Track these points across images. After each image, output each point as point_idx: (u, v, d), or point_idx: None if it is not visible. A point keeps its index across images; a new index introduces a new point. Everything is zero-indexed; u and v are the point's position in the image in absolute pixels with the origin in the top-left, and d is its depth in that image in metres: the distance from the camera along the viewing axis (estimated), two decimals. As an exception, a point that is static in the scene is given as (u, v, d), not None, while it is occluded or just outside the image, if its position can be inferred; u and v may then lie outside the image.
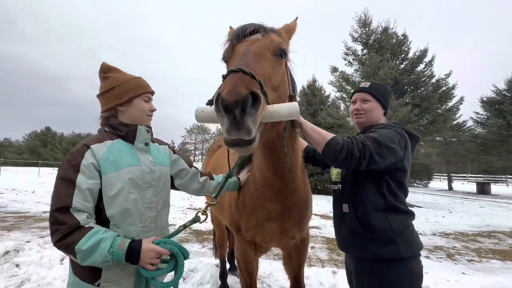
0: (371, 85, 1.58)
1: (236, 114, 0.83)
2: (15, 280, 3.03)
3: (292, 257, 2.02)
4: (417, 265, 1.36)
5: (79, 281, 1.18)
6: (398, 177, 1.39)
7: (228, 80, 0.91)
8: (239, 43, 1.19)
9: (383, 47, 12.42)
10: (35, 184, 15.14)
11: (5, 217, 6.63)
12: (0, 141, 77.77)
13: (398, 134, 1.35)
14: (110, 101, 1.34)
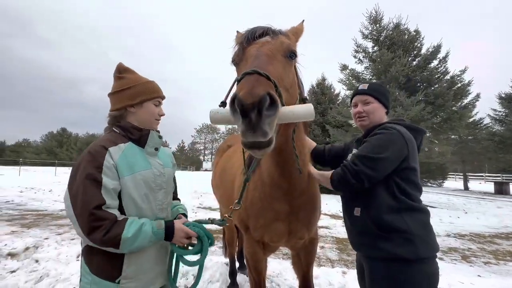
0: (370, 86, 1.58)
1: (252, 117, 0.83)
2: (35, 275, 3.16)
3: (300, 256, 2.02)
4: (434, 266, 1.34)
5: (98, 279, 1.20)
6: (408, 176, 1.38)
7: (244, 82, 0.92)
8: (249, 46, 1.20)
9: (395, 43, 12.13)
10: (52, 183, 15.72)
11: (25, 214, 6.92)
12: (19, 142, 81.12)
13: (393, 137, 1.35)
14: (122, 101, 1.37)
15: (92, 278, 1.21)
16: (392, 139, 1.33)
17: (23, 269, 3.35)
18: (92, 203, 1.14)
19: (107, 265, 1.21)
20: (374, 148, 1.30)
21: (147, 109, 1.40)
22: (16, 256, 3.66)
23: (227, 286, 3.02)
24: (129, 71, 1.46)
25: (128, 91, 1.37)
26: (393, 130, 1.37)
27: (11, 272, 3.26)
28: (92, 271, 1.22)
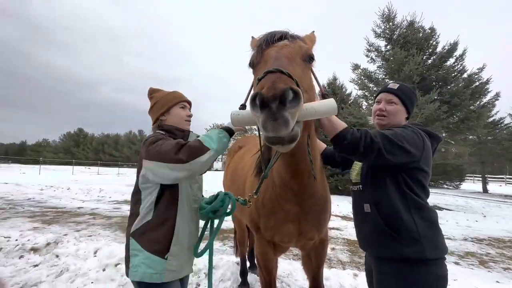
0: (400, 87, 1.53)
1: (272, 106, 0.81)
2: (56, 270, 3.32)
3: (311, 257, 2.03)
4: (443, 268, 1.32)
5: (150, 255, 1.36)
6: (417, 177, 1.37)
7: (266, 79, 0.92)
8: (268, 48, 1.22)
9: (409, 42, 11.83)
10: (70, 181, 16.35)
11: (46, 211, 7.25)
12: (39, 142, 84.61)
13: (415, 134, 1.34)
14: (155, 114, 1.64)
15: (144, 254, 1.36)
16: (413, 136, 1.32)
17: (45, 263, 3.53)
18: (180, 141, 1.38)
19: (160, 243, 1.38)
20: (398, 136, 1.27)
21: (174, 113, 1.63)
22: (39, 251, 3.85)
23: (238, 285, 3.07)
24: (156, 91, 1.73)
25: (157, 105, 1.64)
26: (412, 128, 1.37)
27: (34, 266, 3.44)
28: (144, 248, 1.37)
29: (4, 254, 3.73)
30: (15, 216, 6.49)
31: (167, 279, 1.38)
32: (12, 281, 3.02)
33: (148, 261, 1.35)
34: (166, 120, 1.63)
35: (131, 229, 1.44)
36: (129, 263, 1.40)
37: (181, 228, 1.46)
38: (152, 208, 1.42)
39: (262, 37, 1.31)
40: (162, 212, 1.43)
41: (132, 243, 1.41)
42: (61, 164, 45.26)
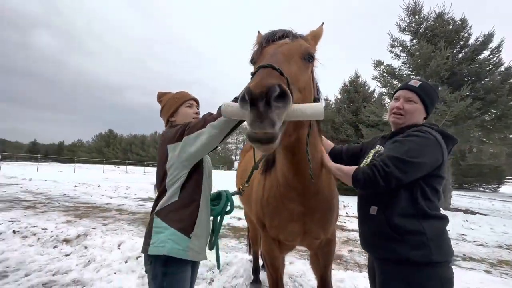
0: (422, 85, 1.46)
1: (260, 106, 0.82)
2: (84, 260, 3.61)
3: (318, 257, 2.02)
4: (448, 271, 1.29)
5: (176, 232, 1.44)
6: (434, 184, 1.33)
7: (257, 74, 0.94)
8: (268, 46, 1.23)
9: (437, 35, 11.13)
10: (100, 179, 17.47)
11: (78, 206, 7.84)
12: (75, 142, 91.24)
13: (430, 143, 1.27)
14: (165, 115, 1.75)
15: (170, 231, 1.44)
16: (429, 144, 1.27)
17: (75, 253, 3.84)
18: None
19: (185, 221, 1.48)
20: (409, 151, 1.22)
21: (182, 112, 1.72)
22: (70, 242, 4.20)
23: (250, 282, 3.12)
24: (163, 94, 1.83)
25: (166, 107, 1.75)
26: (430, 135, 1.30)
27: (66, 256, 3.76)
28: (171, 225, 1.45)
29: (41, 244, 4.13)
30: (52, 210, 7.10)
31: (189, 257, 1.46)
32: (47, 268, 3.33)
33: (175, 237, 1.42)
34: (176, 120, 1.72)
35: (155, 209, 1.52)
36: (150, 240, 1.45)
37: (203, 212, 1.57)
38: (178, 191, 1.51)
39: (264, 34, 1.32)
40: (188, 194, 1.52)
41: (156, 221, 1.47)
42: (94, 163, 48.52)
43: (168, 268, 1.41)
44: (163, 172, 1.56)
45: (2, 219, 5.40)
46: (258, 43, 1.31)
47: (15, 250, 3.83)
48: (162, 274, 1.41)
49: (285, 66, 1.05)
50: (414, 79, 1.52)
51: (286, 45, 1.21)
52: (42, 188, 11.66)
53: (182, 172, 1.52)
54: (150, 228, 1.49)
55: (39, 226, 4.80)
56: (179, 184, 1.52)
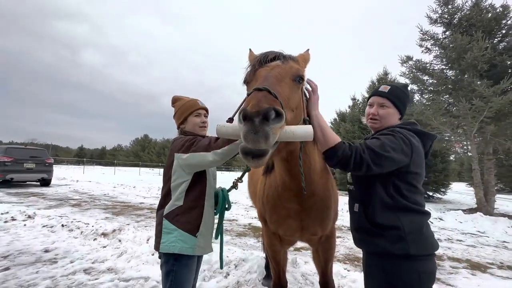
0: (391, 90, 1.55)
1: (256, 121, 0.89)
2: (118, 251, 4.07)
3: (319, 253, 2.12)
4: (428, 265, 1.34)
5: (183, 233, 1.62)
6: (408, 179, 1.39)
7: (253, 96, 1.00)
8: (261, 68, 1.30)
9: (473, 25, 10.26)
10: (136, 181, 18.88)
11: (115, 205, 8.66)
12: (115, 147, 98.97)
13: (403, 141, 1.35)
14: (176, 122, 1.93)
15: (178, 232, 1.62)
16: (399, 143, 1.34)
17: (111, 246, 4.34)
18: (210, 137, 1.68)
19: (191, 223, 1.65)
20: (383, 146, 1.31)
21: (190, 122, 1.89)
22: (107, 235, 4.73)
23: (263, 277, 3.28)
24: (178, 100, 1.97)
25: (177, 115, 1.92)
26: (401, 135, 1.38)
27: (103, 247, 4.26)
28: (179, 226, 1.62)
29: (84, 236, 4.72)
30: (94, 208, 7.96)
31: (196, 253, 1.69)
32: (87, 257, 3.83)
33: (183, 238, 1.62)
34: (185, 127, 1.90)
35: (163, 212, 1.69)
36: (161, 239, 1.64)
37: (207, 214, 1.74)
38: (183, 196, 1.68)
39: (256, 57, 1.39)
40: (193, 198, 1.69)
41: (165, 223, 1.66)
42: (131, 166, 52.37)
43: (177, 261, 1.65)
44: (168, 176, 1.73)
45: (54, 214, 6.22)
46: (251, 64, 1.38)
47: (63, 241, 4.45)
48: (172, 265, 1.64)
49: (278, 88, 1.13)
50: (384, 85, 1.61)
51: (278, 67, 1.28)
52: (86, 188, 13.01)
53: (185, 178, 1.68)
54: (160, 229, 1.67)
55: (83, 221, 5.47)
56: (183, 188, 1.68)
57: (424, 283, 1.31)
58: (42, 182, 13.02)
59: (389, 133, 1.41)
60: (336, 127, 21.63)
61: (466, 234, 6.94)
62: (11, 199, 8.78)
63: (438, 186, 14.75)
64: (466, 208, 11.33)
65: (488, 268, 4.41)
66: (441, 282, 3.69)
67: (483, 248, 5.67)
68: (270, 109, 0.91)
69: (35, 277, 3.13)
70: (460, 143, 12.33)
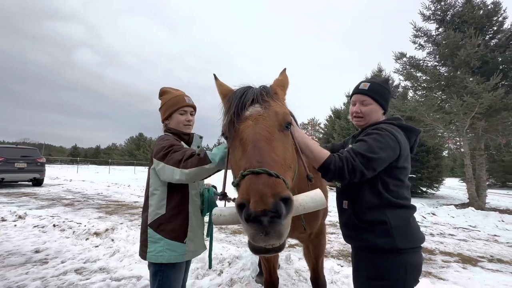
0: (371, 87, 1.56)
1: (264, 221, 0.75)
2: (110, 250, 4.02)
3: (310, 249, 2.12)
4: (414, 257, 1.37)
5: (170, 241, 1.56)
6: (396, 175, 1.41)
7: (251, 184, 0.84)
8: (240, 123, 1.11)
9: (466, 21, 10.36)
10: (131, 180, 18.73)
11: (109, 204, 8.58)
12: (110, 146, 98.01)
13: (389, 138, 1.36)
14: (162, 116, 1.86)
15: (166, 241, 1.57)
16: (386, 140, 1.35)
17: (103, 245, 4.29)
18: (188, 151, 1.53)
19: (177, 231, 1.59)
20: (370, 148, 1.31)
21: (175, 119, 1.81)
22: (99, 235, 4.68)
23: (256, 274, 3.28)
24: (165, 93, 1.89)
25: (162, 109, 1.85)
26: (387, 132, 1.38)
27: (95, 247, 4.21)
28: (165, 236, 1.56)
29: (76, 236, 4.66)
30: (87, 207, 7.86)
31: (186, 259, 1.65)
32: (79, 257, 3.78)
33: (171, 246, 1.57)
34: (169, 123, 1.83)
35: (147, 219, 1.63)
36: (147, 248, 1.59)
37: (193, 218, 1.68)
38: (164, 204, 1.61)
39: (230, 100, 1.20)
40: (175, 205, 1.62)
41: (151, 232, 1.60)
42: (126, 164, 51.90)
43: (166, 268, 1.59)
44: (149, 177, 1.70)
45: (45, 214, 6.13)
46: (227, 120, 1.17)
47: (54, 241, 4.38)
48: (161, 272, 1.59)
49: (274, 157, 0.98)
50: (363, 82, 1.60)
51: (261, 120, 1.10)
52: (80, 188, 12.85)
53: (160, 185, 1.62)
54: (146, 238, 1.60)
55: (75, 221, 5.39)
56: (162, 196, 1.62)
57: (411, 274, 1.34)
58: (34, 182, 12.83)
59: (375, 131, 1.40)
60: (331, 124, 21.73)
61: (458, 229, 7.06)
62: (2, 200, 8.62)
63: (431, 182, 14.95)
64: (458, 203, 11.52)
65: (479, 262, 4.49)
66: (432, 276, 3.75)
67: (474, 242, 5.77)
68: (279, 204, 0.77)
69: (24, 278, 3.07)
70: (452, 139, 12.50)
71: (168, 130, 1.82)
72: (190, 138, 1.85)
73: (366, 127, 1.55)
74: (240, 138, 1.09)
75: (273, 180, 0.85)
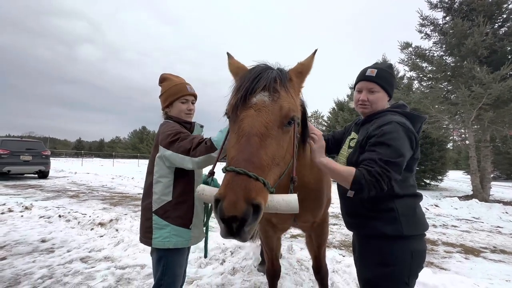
0: (378, 73, 1.49)
1: (233, 226, 0.85)
2: (115, 240, 4.09)
3: (312, 238, 2.13)
4: (419, 243, 1.37)
5: (176, 227, 1.59)
6: (410, 166, 1.38)
7: (231, 184, 0.89)
8: (243, 110, 1.10)
9: (474, 9, 10.05)
10: (135, 172, 18.90)
11: (113, 196, 8.68)
12: (113, 139, 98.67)
13: (407, 136, 1.31)
14: (162, 104, 1.84)
15: (172, 227, 1.60)
16: (402, 136, 1.30)
17: (108, 235, 4.36)
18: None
19: (183, 218, 1.63)
20: (394, 152, 1.25)
21: (176, 107, 1.80)
22: (104, 225, 4.75)
23: (258, 263, 3.31)
24: (166, 79, 1.86)
25: (163, 96, 1.82)
26: (399, 125, 1.32)
27: (100, 237, 4.28)
28: (171, 222, 1.59)
29: (81, 227, 4.73)
30: (92, 199, 7.97)
31: (191, 244, 1.69)
32: (84, 246, 3.85)
33: (177, 232, 1.60)
34: (170, 111, 1.82)
35: (151, 207, 1.63)
36: (152, 234, 1.60)
37: (198, 205, 1.72)
38: (170, 191, 1.63)
39: (241, 86, 1.15)
40: (181, 193, 1.64)
41: (156, 218, 1.61)
42: (130, 157, 52.34)
43: (171, 253, 1.62)
44: (152, 166, 1.68)
45: (51, 205, 6.23)
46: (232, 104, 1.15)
47: (60, 231, 4.46)
48: (165, 257, 1.61)
49: (262, 155, 0.99)
50: (370, 68, 1.53)
51: (264, 112, 1.08)
52: (84, 180, 13.01)
53: (165, 171, 1.63)
54: (150, 224, 1.61)
55: (80, 212, 5.48)
56: (169, 183, 1.63)
57: (416, 260, 1.34)
58: (39, 174, 13.01)
59: (389, 129, 1.31)
60: (334, 116, 21.54)
61: (461, 220, 7.04)
62: (9, 191, 8.77)
63: (434, 174, 14.86)
64: (462, 195, 11.46)
65: (482, 252, 4.48)
66: (434, 266, 3.75)
67: (477, 233, 5.76)
68: (248, 211, 0.84)
69: (31, 266, 3.14)
70: (457, 131, 12.33)
71: (170, 118, 1.81)
72: (192, 127, 1.85)
73: (369, 116, 1.52)
74: (238, 126, 1.08)
75: (250, 183, 0.90)
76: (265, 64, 1.27)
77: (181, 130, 1.63)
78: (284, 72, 1.23)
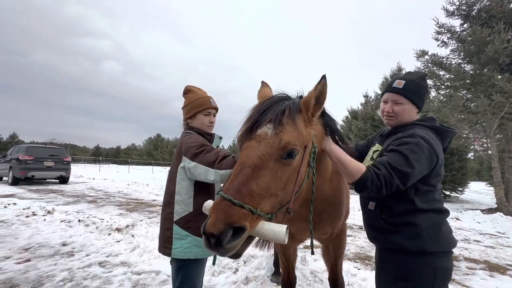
0: (406, 85, 1.43)
1: (211, 241, 0.93)
2: (131, 246, 4.19)
3: (329, 249, 2.10)
4: (445, 261, 1.31)
5: (197, 238, 1.61)
6: (430, 181, 1.35)
7: (216, 207, 0.99)
8: (246, 141, 1.19)
9: (494, 16, 9.80)
10: (149, 179, 19.33)
11: (129, 202, 8.91)
12: (129, 146, 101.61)
13: (428, 150, 1.27)
14: (184, 115, 1.91)
15: (193, 238, 1.62)
16: (422, 151, 1.26)
17: (124, 240, 4.47)
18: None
19: None
20: (407, 162, 1.22)
21: (198, 119, 1.87)
22: (121, 231, 4.88)
23: (272, 273, 3.28)
24: (190, 91, 1.93)
25: (187, 108, 1.90)
26: (422, 140, 1.29)
27: (117, 242, 4.40)
28: (192, 233, 1.61)
29: (99, 231, 4.89)
30: (109, 204, 8.22)
31: (212, 254, 1.66)
32: (102, 251, 3.97)
33: (198, 243, 1.61)
34: (192, 122, 1.88)
35: (173, 217, 1.66)
36: (172, 244, 1.62)
37: None
38: (191, 202, 1.65)
39: (250, 117, 1.24)
40: (201, 205, 1.66)
41: (177, 229, 1.64)
42: (145, 164, 53.62)
43: (190, 264, 1.65)
44: (174, 176, 1.71)
45: (71, 210, 6.49)
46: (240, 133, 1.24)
47: (79, 235, 4.63)
48: (185, 268, 1.64)
49: (252, 186, 1.03)
50: (398, 79, 1.49)
51: (262, 144, 1.12)
52: (102, 186, 13.44)
53: (187, 182, 1.66)
54: (170, 235, 1.64)
55: (98, 217, 5.66)
56: (190, 194, 1.66)
57: (439, 278, 1.28)
58: (60, 179, 13.57)
59: (410, 140, 1.30)
60: (347, 125, 21.27)
61: (484, 235, 6.67)
62: (32, 195, 9.21)
63: (455, 185, 14.21)
64: (485, 208, 10.87)
65: (508, 270, 4.22)
66: (456, 282, 3.58)
67: (503, 249, 5.43)
68: (225, 232, 0.92)
69: (53, 268, 3.28)
70: (479, 140, 11.83)
71: (191, 128, 1.86)
72: (212, 138, 1.90)
73: (396, 128, 1.49)
74: (240, 153, 1.18)
75: (233, 209, 0.97)
76: (283, 95, 1.33)
77: (205, 143, 1.67)
78: (295, 103, 1.26)
